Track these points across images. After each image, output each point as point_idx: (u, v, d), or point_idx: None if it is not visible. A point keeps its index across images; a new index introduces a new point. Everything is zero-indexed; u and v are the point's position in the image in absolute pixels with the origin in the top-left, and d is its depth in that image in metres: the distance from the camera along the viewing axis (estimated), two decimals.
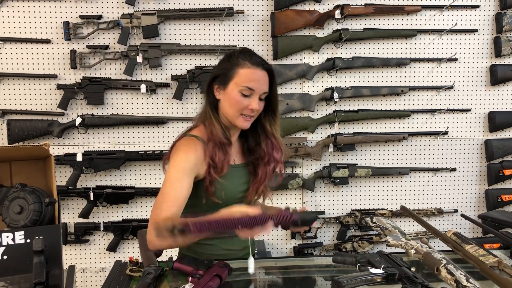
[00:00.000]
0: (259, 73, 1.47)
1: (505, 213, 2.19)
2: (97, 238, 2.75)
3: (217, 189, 1.49)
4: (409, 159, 2.85)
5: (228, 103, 1.48)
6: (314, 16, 2.69)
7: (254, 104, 1.46)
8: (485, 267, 1.33)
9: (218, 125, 1.50)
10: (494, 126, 2.84)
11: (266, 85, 1.49)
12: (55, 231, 1.32)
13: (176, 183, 1.43)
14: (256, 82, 1.46)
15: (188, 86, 2.65)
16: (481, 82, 2.86)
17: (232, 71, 1.47)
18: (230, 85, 1.47)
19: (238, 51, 1.53)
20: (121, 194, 2.69)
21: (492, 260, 1.34)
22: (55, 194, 1.40)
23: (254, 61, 1.47)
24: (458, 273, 1.27)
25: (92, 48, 2.62)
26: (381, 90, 2.75)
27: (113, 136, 2.70)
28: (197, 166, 1.46)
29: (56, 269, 1.28)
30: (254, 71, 1.46)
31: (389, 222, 1.87)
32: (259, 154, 1.58)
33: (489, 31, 2.83)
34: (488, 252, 1.41)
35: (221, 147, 1.49)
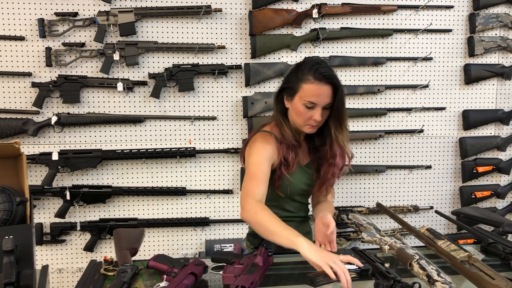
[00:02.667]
0: (322, 87, 1.57)
1: (478, 209, 2.23)
2: (74, 238, 2.72)
3: (283, 184, 1.68)
4: (386, 156, 2.89)
5: (295, 113, 1.63)
6: (292, 15, 2.71)
7: (317, 116, 1.59)
8: (455, 262, 1.36)
9: (288, 130, 1.67)
10: (468, 124, 2.90)
11: (329, 97, 1.59)
12: (26, 231, 1.30)
13: (260, 165, 1.60)
14: (317, 97, 1.57)
15: (165, 85, 2.64)
16: (455, 81, 2.92)
17: (297, 85, 1.60)
18: (295, 97, 1.61)
19: (306, 63, 1.63)
20: (98, 193, 2.66)
21: (462, 255, 1.37)
22: (27, 193, 1.38)
23: (317, 76, 1.56)
24: (429, 268, 1.30)
25: (68, 45, 2.58)
26: (358, 89, 2.78)
27: (89, 135, 2.67)
28: (273, 157, 1.64)
29: (27, 269, 1.27)
30: (316, 87, 1.57)
31: (364, 219, 1.90)
32: (323, 155, 1.73)
33: (463, 31, 2.89)
34: (459, 247, 1.44)
35: (293, 148, 1.66)
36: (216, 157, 2.77)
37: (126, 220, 2.71)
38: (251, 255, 1.43)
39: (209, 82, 2.73)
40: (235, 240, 2.78)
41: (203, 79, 2.72)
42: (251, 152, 1.64)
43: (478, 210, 2.17)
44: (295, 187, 1.72)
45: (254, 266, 1.33)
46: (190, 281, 1.29)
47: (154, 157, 2.67)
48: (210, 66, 2.68)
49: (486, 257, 1.54)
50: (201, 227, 2.78)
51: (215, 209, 2.79)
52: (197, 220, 2.75)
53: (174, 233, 2.79)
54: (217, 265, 1.47)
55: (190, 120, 2.72)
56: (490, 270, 1.25)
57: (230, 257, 1.43)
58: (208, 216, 2.78)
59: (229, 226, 2.81)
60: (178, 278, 1.28)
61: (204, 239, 2.80)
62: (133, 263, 1.43)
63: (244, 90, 2.75)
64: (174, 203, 2.76)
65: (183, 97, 2.71)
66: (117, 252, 1.49)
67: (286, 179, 1.67)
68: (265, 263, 1.39)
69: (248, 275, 1.26)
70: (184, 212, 2.77)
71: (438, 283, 1.22)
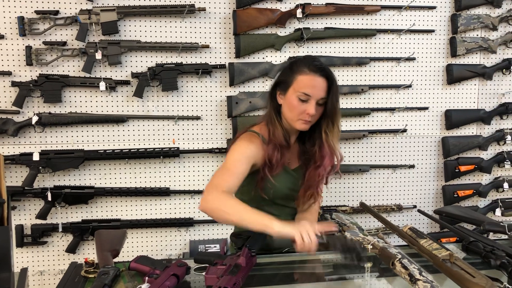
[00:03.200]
0: (316, 79, 1.54)
1: (460, 208, 2.26)
2: (56, 240, 2.68)
3: (266, 186, 1.62)
4: (369, 156, 2.91)
5: (288, 108, 1.58)
6: (276, 15, 2.70)
7: (310, 109, 1.54)
8: (437, 260, 1.37)
9: (280, 128, 1.61)
10: (451, 124, 2.93)
11: (323, 91, 1.55)
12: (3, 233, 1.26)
13: (236, 162, 1.56)
14: (312, 88, 1.53)
15: (148, 84, 2.62)
16: (438, 81, 2.95)
17: (291, 77, 1.57)
18: (289, 91, 1.57)
19: (301, 58, 1.62)
20: (80, 194, 2.63)
21: (444, 254, 1.38)
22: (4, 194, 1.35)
23: (312, 68, 1.55)
24: (412, 267, 1.31)
25: (49, 44, 2.54)
26: (342, 88, 2.78)
27: (71, 135, 2.64)
28: (254, 158, 1.58)
29: (4, 273, 1.23)
30: (311, 78, 1.54)
31: (348, 218, 1.91)
32: (312, 155, 1.67)
33: (445, 32, 2.92)
34: (441, 246, 1.45)
35: (279, 149, 1.60)
36: (200, 157, 2.75)
37: (109, 221, 2.68)
38: (234, 255, 1.42)
39: (193, 81, 2.71)
40: (220, 241, 2.77)
41: (187, 79, 2.70)
42: (232, 150, 1.61)
43: (460, 209, 2.19)
44: (278, 190, 1.66)
45: (237, 267, 1.32)
46: (172, 282, 1.28)
47: (137, 157, 2.65)
48: (194, 66, 2.66)
49: (467, 255, 1.55)
50: (185, 227, 2.76)
51: (199, 210, 2.77)
52: (181, 221, 2.73)
53: (158, 234, 2.77)
54: (200, 266, 1.45)
55: (173, 119, 2.70)
56: (471, 269, 1.26)
57: (213, 258, 1.41)
58: (192, 217, 2.76)
59: (213, 226, 2.80)
60: (160, 280, 1.26)
61: (189, 239, 2.78)
62: (114, 265, 1.41)
63: (229, 90, 2.74)
64: (157, 203, 2.74)
65: (166, 96, 2.69)
66: (98, 254, 1.47)
67: (269, 182, 1.61)
68: (248, 264, 1.38)
69: (230, 276, 1.25)
70: (168, 213, 2.75)
71: (420, 282, 1.23)
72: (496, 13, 2.93)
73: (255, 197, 1.67)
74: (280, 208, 1.75)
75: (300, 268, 1.65)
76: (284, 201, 1.74)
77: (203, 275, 1.33)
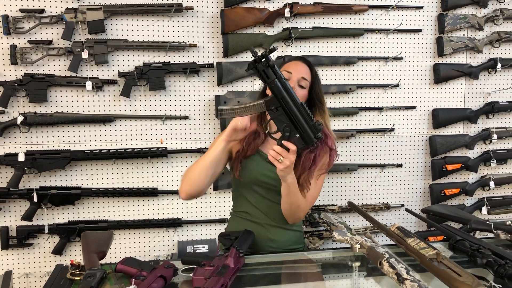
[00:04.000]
0: (297, 62, 1.76)
1: (446, 207, 2.28)
2: (42, 241, 2.65)
3: (242, 167, 1.73)
4: (357, 155, 2.92)
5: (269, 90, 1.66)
6: (264, 14, 2.70)
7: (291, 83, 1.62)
8: (424, 260, 1.38)
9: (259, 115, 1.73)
10: (438, 123, 2.95)
11: (305, 73, 1.72)
12: None
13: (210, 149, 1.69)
14: (293, 68, 1.72)
15: (136, 83, 2.59)
16: (425, 80, 2.96)
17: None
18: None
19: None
20: (67, 195, 2.59)
21: (431, 253, 1.39)
22: None
23: (294, 57, 1.84)
24: (399, 266, 1.31)
25: (34, 43, 2.50)
26: (330, 88, 2.79)
27: (57, 135, 2.60)
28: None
29: None
30: (293, 62, 1.77)
31: (336, 218, 1.91)
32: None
33: (432, 31, 2.94)
34: (428, 245, 1.46)
35: (253, 134, 1.72)
36: (189, 157, 2.74)
37: (96, 222, 2.65)
38: (222, 256, 1.41)
39: (180, 81, 2.70)
40: (208, 241, 2.76)
41: (174, 78, 2.69)
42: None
43: (446, 207, 2.21)
44: (251, 173, 1.73)
45: (225, 268, 1.31)
46: (159, 284, 1.27)
47: (125, 158, 2.63)
48: (181, 65, 2.64)
49: (454, 254, 1.56)
50: (174, 228, 2.74)
51: (187, 210, 2.76)
52: (169, 221, 2.71)
53: (146, 234, 2.75)
54: (188, 267, 1.44)
55: (161, 119, 2.68)
56: (457, 267, 1.27)
57: (200, 259, 1.41)
58: (180, 217, 2.74)
59: (201, 226, 2.79)
60: (147, 282, 1.25)
61: (177, 240, 2.76)
62: (100, 267, 1.39)
63: (217, 89, 2.73)
64: (145, 204, 2.72)
65: (154, 96, 2.67)
66: (84, 256, 1.45)
67: (243, 163, 1.73)
68: (236, 264, 1.38)
69: (218, 277, 1.25)
70: (156, 213, 2.73)
71: (407, 281, 1.23)
72: (482, 13, 2.96)
73: (234, 182, 1.81)
74: (262, 199, 1.76)
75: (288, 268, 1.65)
76: (263, 190, 1.75)
77: (190, 276, 1.32)
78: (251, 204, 1.78)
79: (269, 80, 1.44)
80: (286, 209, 1.69)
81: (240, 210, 1.82)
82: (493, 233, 1.75)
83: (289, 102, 1.45)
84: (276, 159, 1.48)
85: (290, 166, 1.50)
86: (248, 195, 1.78)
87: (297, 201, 1.64)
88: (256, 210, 1.77)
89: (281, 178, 1.56)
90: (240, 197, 1.82)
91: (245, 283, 1.43)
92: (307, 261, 1.69)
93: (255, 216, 1.77)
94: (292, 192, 1.61)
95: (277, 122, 1.48)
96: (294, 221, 1.76)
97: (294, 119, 1.46)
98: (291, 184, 1.58)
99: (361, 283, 1.52)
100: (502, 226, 1.72)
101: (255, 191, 1.76)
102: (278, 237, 1.77)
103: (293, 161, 1.49)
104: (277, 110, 1.47)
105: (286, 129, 1.47)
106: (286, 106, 1.46)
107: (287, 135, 1.47)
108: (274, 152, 1.48)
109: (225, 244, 1.58)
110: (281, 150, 1.47)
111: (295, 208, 1.67)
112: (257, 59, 1.42)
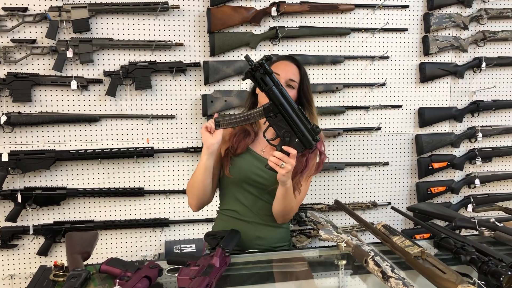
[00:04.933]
0: (287, 63, 1.76)
1: (432, 205, 2.29)
2: (27, 242, 2.61)
3: (232, 165, 1.74)
4: (344, 154, 2.93)
5: (261, 94, 1.67)
6: (250, 13, 2.69)
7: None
8: (409, 257, 1.39)
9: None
10: (424, 121, 2.97)
11: (293, 74, 1.73)
12: None
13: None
14: (282, 69, 1.70)
15: (122, 82, 2.57)
16: (411, 79, 2.98)
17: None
18: None
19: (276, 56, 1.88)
20: (52, 195, 2.57)
21: (416, 251, 1.40)
22: None
23: (282, 56, 1.82)
24: (384, 264, 1.32)
25: (17, 42, 2.47)
26: (317, 87, 2.79)
27: (42, 135, 2.58)
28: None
29: None
30: (282, 62, 1.76)
31: (322, 216, 1.92)
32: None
33: (418, 31, 2.96)
34: (413, 243, 1.47)
35: (243, 133, 1.75)
36: (175, 157, 2.72)
37: (82, 223, 2.63)
38: (208, 256, 1.41)
39: (167, 80, 2.68)
40: (195, 240, 2.75)
41: (160, 77, 2.67)
42: None
43: (432, 205, 2.22)
44: (241, 172, 1.73)
45: (210, 267, 1.31)
46: (144, 284, 1.26)
47: (111, 157, 2.60)
48: (168, 64, 2.63)
49: (439, 251, 1.57)
50: (161, 228, 2.72)
51: (174, 210, 2.75)
52: (156, 221, 2.69)
53: (132, 234, 2.73)
54: (173, 267, 1.44)
55: (147, 119, 2.66)
56: (442, 265, 1.28)
57: (186, 259, 1.40)
58: (167, 217, 2.73)
59: (189, 226, 2.77)
60: (131, 282, 1.24)
61: (164, 240, 2.75)
62: (85, 268, 1.38)
63: (204, 88, 2.72)
64: (132, 204, 2.70)
65: (140, 95, 2.66)
66: (68, 257, 1.43)
67: (234, 161, 1.74)
68: (222, 264, 1.37)
69: (203, 277, 1.24)
70: (142, 213, 2.71)
71: (392, 279, 1.24)
72: (467, 12, 2.99)
73: (225, 181, 1.81)
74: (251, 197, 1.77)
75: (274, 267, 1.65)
76: (254, 190, 1.76)
77: (176, 276, 1.31)
78: (240, 203, 1.78)
79: (267, 88, 1.45)
80: (279, 211, 1.71)
81: (228, 209, 1.81)
82: (477, 230, 1.76)
83: (287, 108, 1.47)
84: (278, 165, 1.48)
85: (291, 170, 1.52)
86: (237, 194, 1.78)
87: (290, 203, 1.68)
88: (245, 209, 1.77)
89: (281, 182, 1.57)
90: (229, 195, 1.81)
91: (231, 282, 1.43)
92: (293, 260, 1.69)
93: (244, 215, 1.77)
94: (289, 195, 1.64)
95: (276, 128, 1.50)
96: (283, 221, 1.80)
97: (293, 124, 1.48)
98: (289, 188, 1.61)
99: (347, 281, 1.52)
100: (486, 224, 1.74)
101: (245, 190, 1.77)
102: (266, 235, 1.78)
103: (294, 165, 1.50)
104: (275, 117, 1.49)
105: (286, 134, 1.49)
106: (284, 112, 1.47)
107: (287, 140, 1.49)
108: (275, 158, 1.49)
109: (211, 244, 1.58)
110: (282, 156, 1.48)
111: (288, 210, 1.71)
112: (254, 67, 1.43)
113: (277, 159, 1.48)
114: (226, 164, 1.74)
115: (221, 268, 1.36)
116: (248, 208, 1.77)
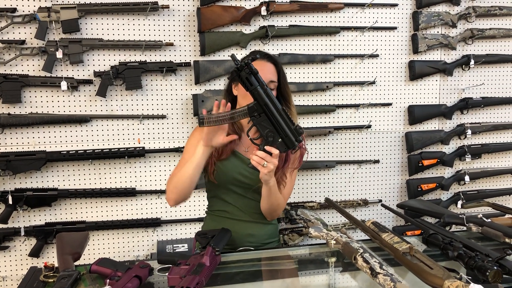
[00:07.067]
0: (266, 64, 1.70)
1: (422, 202, 2.31)
2: (18, 244, 2.61)
3: (215, 170, 1.71)
4: (335, 152, 2.94)
5: (241, 95, 1.67)
6: (240, 12, 2.70)
7: None
8: (398, 254, 1.40)
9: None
10: (414, 119, 2.99)
11: (272, 74, 1.70)
12: None
13: (185, 154, 1.73)
14: (261, 71, 1.58)
15: (112, 83, 2.57)
16: (400, 77, 3.00)
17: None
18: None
19: (250, 52, 1.81)
20: (43, 196, 2.56)
21: (404, 247, 1.41)
22: None
23: (260, 55, 1.72)
24: (373, 261, 1.33)
25: (6, 43, 2.46)
26: (307, 86, 2.81)
27: (32, 136, 2.57)
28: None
29: None
30: (260, 62, 1.69)
31: (312, 214, 1.93)
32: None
33: (407, 29, 2.98)
34: (402, 240, 1.48)
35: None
36: (167, 157, 2.72)
37: (73, 223, 2.63)
38: (198, 255, 1.41)
39: (157, 80, 2.68)
40: (188, 240, 2.76)
41: (151, 77, 2.67)
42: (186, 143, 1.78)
43: (422, 202, 2.24)
44: (227, 175, 1.72)
45: (200, 266, 1.32)
46: (134, 284, 1.26)
47: (102, 158, 2.60)
48: (158, 64, 2.63)
49: (427, 247, 1.59)
50: (153, 228, 2.73)
51: (166, 210, 2.75)
52: (148, 221, 2.70)
53: (124, 235, 2.73)
54: (164, 266, 1.44)
55: (138, 119, 2.66)
56: (429, 260, 1.29)
57: (176, 258, 1.40)
58: (159, 217, 2.73)
59: (181, 226, 2.78)
60: (122, 282, 1.24)
61: (156, 240, 2.75)
62: (75, 268, 1.38)
63: (194, 88, 2.73)
64: (123, 204, 2.70)
65: (130, 95, 2.65)
66: (59, 257, 1.43)
67: (218, 166, 1.71)
68: (212, 263, 1.38)
69: (194, 276, 1.25)
70: (134, 213, 2.72)
71: (380, 275, 1.25)
72: (455, 10, 3.01)
73: (209, 185, 1.80)
74: (239, 197, 1.77)
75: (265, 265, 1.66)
76: (241, 190, 1.76)
77: (166, 275, 1.32)
78: (228, 203, 1.78)
79: (252, 87, 1.46)
80: (267, 209, 1.73)
81: (217, 209, 1.82)
82: (465, 226, 1.78)
83: (271, 108, 1.48)
84: (260, 164, 1.50)
85: (273, 170, 1.53)
86: (224, 196, 1.78)
87: (277, 200, 1.70)
88: (234, 208, 1.78)
89: (264, 182, 1.59)
90: (216, 198, 1.82)
91: (222, 281, 1.43)
92: (283, 258, 1.70)
93: (233, 214, 1.78)
94: (273, 193, 1.65)
95: (260, 127, 1.51)
96: (272, 218, 1.82)
97: (276, 125, 1.49)
98: (273, 187, 1.62)
99: (337, 278, 1.53)
100: (474, 220, 1.76)
101: (232, 191, 1.77)
102: (256, 232, 1.79)
103: (276, 164, 1.52)
104: (259, 116, 1.50)
105: (269, 134, 1.50)
106: (268, 112, 1.49)
107: (271, 140, 1.50)
108: (257, 157, 1.50)
109: (201, 243, 1.58)
110: (265, 155, 1.49)
111: (276, 207, 1.73)
112: (240, 67, 1.44)
113: (259, 158, 1.50)
114: (211, 170, 1.73)
115: (211, 266, 1.37)
116: (237, 207, 1.78)
